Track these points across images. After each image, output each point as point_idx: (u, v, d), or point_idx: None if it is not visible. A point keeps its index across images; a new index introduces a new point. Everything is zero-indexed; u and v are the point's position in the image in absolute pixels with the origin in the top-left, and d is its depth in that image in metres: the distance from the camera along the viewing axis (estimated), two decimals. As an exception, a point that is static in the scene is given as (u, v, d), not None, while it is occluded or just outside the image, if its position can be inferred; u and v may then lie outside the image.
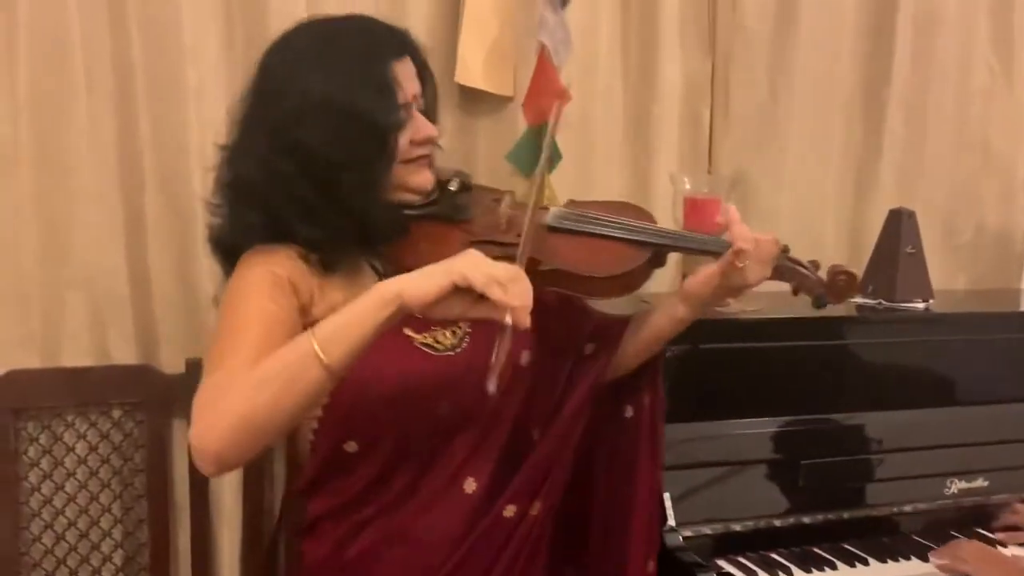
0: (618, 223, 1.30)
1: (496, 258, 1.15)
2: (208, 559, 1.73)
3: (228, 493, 1.72)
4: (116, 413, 1.71)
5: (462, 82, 1.79)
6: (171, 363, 1.72)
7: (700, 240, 1.33)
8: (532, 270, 1.21)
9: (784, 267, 1.31)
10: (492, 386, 1.03)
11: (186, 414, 1.69)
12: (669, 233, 1.31)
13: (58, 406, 1.67)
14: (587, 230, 1.30)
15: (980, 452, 1.78)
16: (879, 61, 2.11)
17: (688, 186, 1.79)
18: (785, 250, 1.31)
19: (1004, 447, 1.80)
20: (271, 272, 1.17)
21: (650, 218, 1.34)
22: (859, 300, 1.94)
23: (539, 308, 1.29)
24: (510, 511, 1.28)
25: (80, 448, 1.69)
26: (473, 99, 1.85)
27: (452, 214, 1.30)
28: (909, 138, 2.17)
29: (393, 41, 1.23)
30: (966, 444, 1.78)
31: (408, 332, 1.24)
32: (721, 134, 2.04)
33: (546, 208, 1.32)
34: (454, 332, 1.27)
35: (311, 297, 1.20)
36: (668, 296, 1.41)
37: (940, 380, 1.84)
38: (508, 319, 1.03)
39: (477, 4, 1.76)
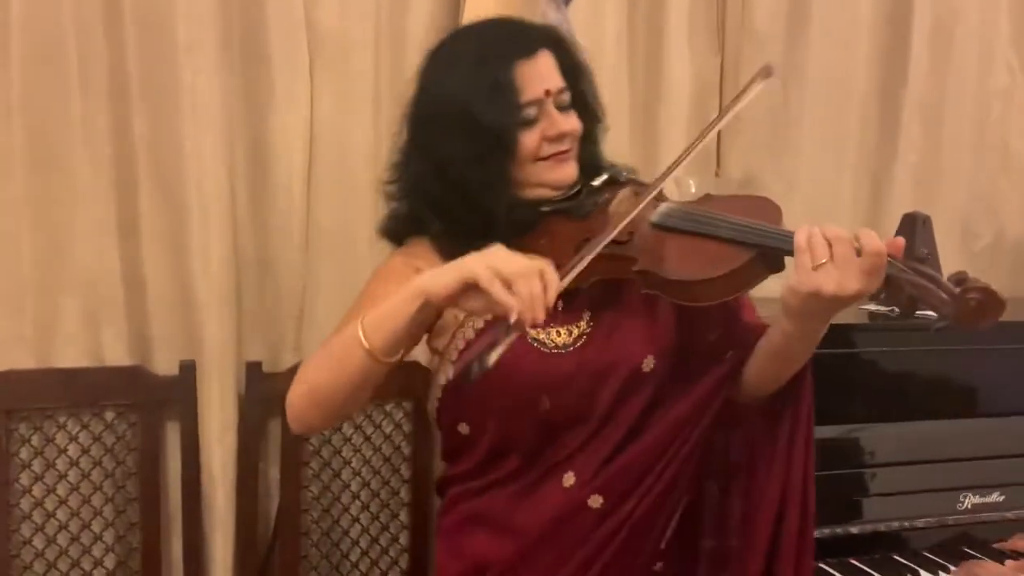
0: (724, 221, 1.16)
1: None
2: (201, 565, 1.71)
3: (221, 498, 1.70)
4: (109, 415, 1.69)
5: (462, 81, 1.75)
6: (164, 365, 1.70)
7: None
8: (626, 270, 1.18)
9: (900, 278, 1.05)
10: (447, 374, 1.04)
11: (179, 416, 1.70)
12: (778, 233, 1.13)
13: (50, 407, 1.65)
14: (692, 229, 1.18)
15: (995, 466, 1.72)
16: (895, 61, 2.05)
17: (694, 189, 1.75)
18: (919, 258, 1.06)
19: (1021, 460, 1.74)
20: (405, 263, 1.27)
21: (776, 217, 1.18)
22: (871, 307, 1.88)
23: (682, 311, 1.26)
24: (596, 501, 1.25)
25: (72, 450, 1.67)
26: (475, 99, 1.82)
27: (576, 210, 1.26)
28: (926, 140, 2.11)
29: (521, 40, 1.24)
30: (981, 457, 1.71)
31: None
32: (730, 136, 1.99)
33: (658, 203, 1.23)
34: (570, 331, 1.25)
35: None
36: None
37: (954, 391, 1.78)
38: (513, 316, 1.01)
39: (478, 4, 1.72)
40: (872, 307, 1.88)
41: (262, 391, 1.71)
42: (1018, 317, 2.02)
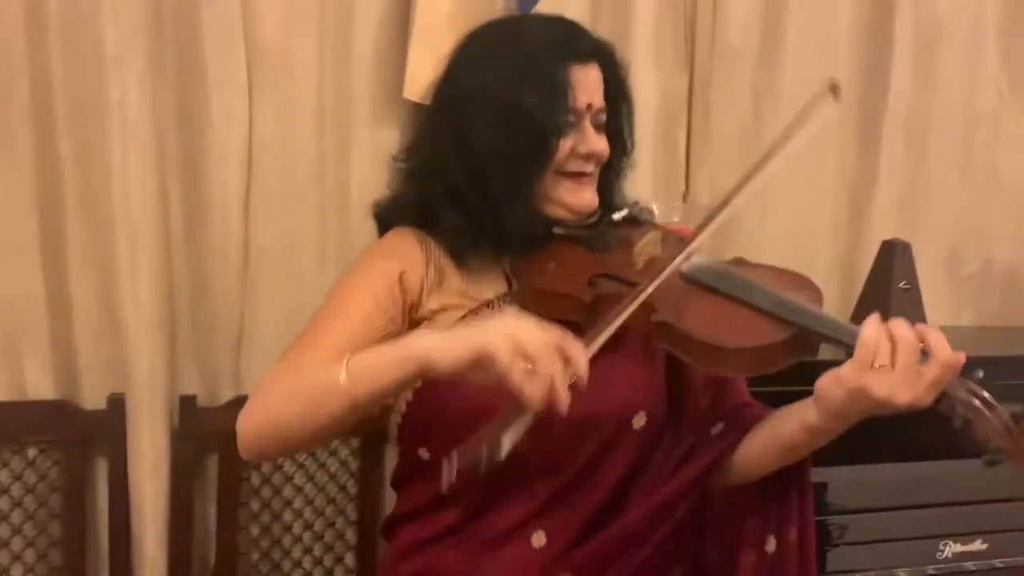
0: (763, 290, 1.08)
1: (613, 295, 1.08)
2: (129, 612, 1.60)
3: (152, 541, 1.59)
4: (31, 452, 1.58)
5: (411, 98, 1.64)
6: (92, 398, 1.60)
7: (850, 332, 1.03)
8: (645, 319, 1.07)
9: (955, 397, 1.01)
10: (446, 474, 0.94)
11: (107, 454, 1.59)
12: (823, 317, 1.06)
13: (-33, 444, 1.55)
14: (725, 290, 1.10)
15: (977, 511, 1.63)
16: (876, 79, 1.95)
17: (657, 214, 1.65)
18: (976, 378, 1.03)
19: (1004, 506, 1.65)
20: (388, 268, 1.17)
21: (816, 298, 1.11)
22: (848, 340, 1.78)
23: (676, 369, 1.18)
24: None
25: (-10, 490, 1.57)
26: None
27: (593, 241, 1.19)
28: (909, 163, 2.02)
29: (581, 45, 1.19)
30: (962, 502, 1.63)
31: None
32: (699, 159, 1.88)
33: (688, 255, 1.15)
34: None
35: (420, 294, 1.19)
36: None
37: (932, 431, 1.66)
38: (534, 405, 0.94)
39: (429, 14, 1.63)
40: (849, 339, 1.78)
41: (197, 427, 1.61)
42: (1004, 350, 1.95)
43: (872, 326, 1.00)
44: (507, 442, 0.94)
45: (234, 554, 1.64)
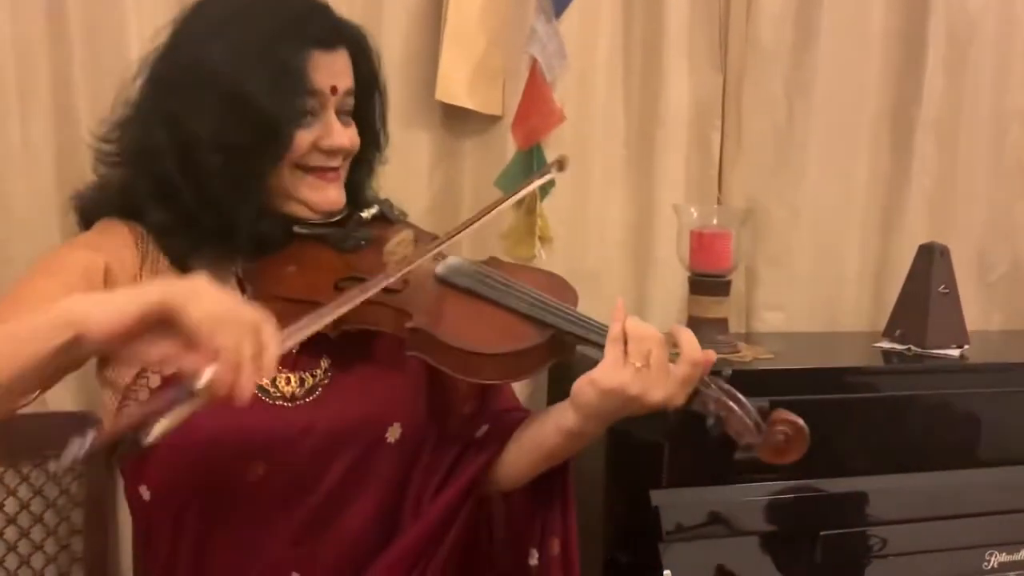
0: (518, 291, 1.05)
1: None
2: (153, 631, 1.56)
3: (177, 557, 1.55)
4: (52, 466, 1.54)
5: (444, 99, 1.62)
6: (115, 410, 1.55)
7: (603, 331, 1.01)
8: (397, 325, 1.00)
9: (707, 395, 1.02)
10: (73, 451, 0.76)
11: (131, 468, 1.55)
12: (579, 318, 1.03)
13: (-13, 458, 1.51)
14: (480, 292, 1.05)
15: (1023, 520, 1.59)
16: (908, 79, 1.92)
17: (695, 218, 1.62)
18: (725, 376, 1.05)
19: (1051, 515, 1.61)
20: (90, 259, 1.02)
21: (572, 298, 1.08)
22: (886, 345, 1.75)
23: (437, 375, 1.07)
24: None
25: (10, 505, 1.52)
26: (458, 118, 1.68)
27: (340, 241, 1.10)
28: (941, 163, 1.98)
29: (323, 27, 1.07)
30: (1008, 511, 1.59)
31: None
32: (732, 160, 1.85)
33: (443, 256, 1.10)
34: (302, 380, 1.04)
35: None
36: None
37: (977, 437, 1.65)
38: (205, 377, 0.75)
39: (460, 15, 1.60)
40: (887, 344, 1.75)
41: (223, 438, 1.57)
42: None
43: (619, 325, 0.99)
44: (161, 428, 0.77)
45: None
